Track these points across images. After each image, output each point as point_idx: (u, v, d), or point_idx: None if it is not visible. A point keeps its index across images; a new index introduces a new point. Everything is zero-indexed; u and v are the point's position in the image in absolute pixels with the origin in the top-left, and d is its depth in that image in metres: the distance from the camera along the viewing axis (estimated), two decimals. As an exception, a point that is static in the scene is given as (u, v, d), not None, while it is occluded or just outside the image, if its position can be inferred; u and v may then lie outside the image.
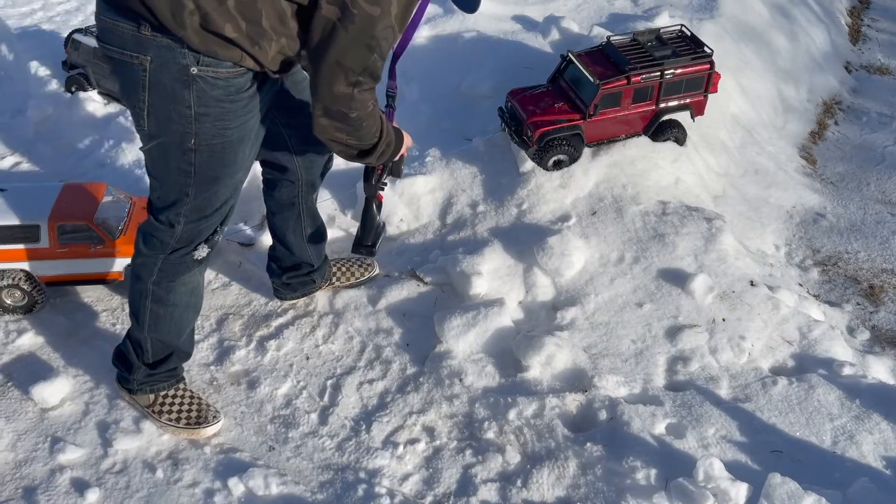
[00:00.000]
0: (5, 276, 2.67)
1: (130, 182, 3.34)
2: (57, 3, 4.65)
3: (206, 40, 1.82)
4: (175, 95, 1.89)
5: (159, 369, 2.38)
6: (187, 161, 1.99)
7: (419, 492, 2.28)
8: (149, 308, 2.26)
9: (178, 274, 2.22)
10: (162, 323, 2.29)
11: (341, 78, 1.84)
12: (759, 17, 4.44)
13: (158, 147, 2.00)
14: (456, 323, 2.63)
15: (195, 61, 1.85)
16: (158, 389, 2.41)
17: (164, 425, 2.40)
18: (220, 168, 2.04)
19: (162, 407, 2.41)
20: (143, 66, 1.86)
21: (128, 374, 2.40)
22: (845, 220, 3.55)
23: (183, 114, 1.91)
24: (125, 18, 1.82)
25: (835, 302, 3.11)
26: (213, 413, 2.44)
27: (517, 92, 3.16)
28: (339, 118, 1.93)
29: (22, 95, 3.98)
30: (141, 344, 2.32)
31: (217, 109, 1.93)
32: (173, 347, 2.36)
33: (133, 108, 1.97)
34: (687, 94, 3.14)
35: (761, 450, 2.31)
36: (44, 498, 2.23)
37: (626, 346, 2.63)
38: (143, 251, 2.20)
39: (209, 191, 2.07)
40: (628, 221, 2.96)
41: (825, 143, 4.17)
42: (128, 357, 2.37)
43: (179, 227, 2.12)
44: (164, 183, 2.07)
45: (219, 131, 1.97)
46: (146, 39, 1.83)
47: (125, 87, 1.95)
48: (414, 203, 3.15)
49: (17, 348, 2.67)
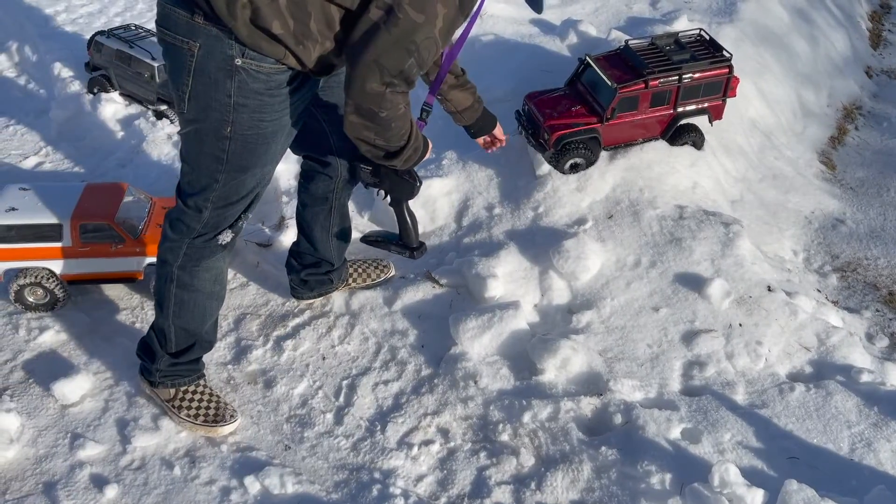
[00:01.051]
0: (28, 274, 2.71)
1: (151, 182, 3.38)
2: (80, 5, 4.71)
3: (253, 34, 1.88)
4: (217, 83, 1.95)
5: (182, 359, 2.40)
6: (221, 148, 2.05)
7: (433, 493, 2.29)
8: (173, 293, 2.29)
9: (202, 258, 2.26)
10: (186, 309, 2.32)
11: (376, 76, 1.87)
12: (780, 21, 4.41)
13: (195, 132, 2.05)
14: (471, 325, 2.64)
15: (240, 53, 1.91)
16: (180, 384, 2.44)
17: (182, 421, 2.43)
18: (251, 158, 2.10)
19: (181, 402, 2.44)
20: (192, 51, 1.93)
21: (151, 365, 2.42)
22: (865, 225, 3.52)
23: (222, 102, 1.98)
24: (181, 5, 1.90)
25: (854, 308, 3.08)
26: (231, 412, 2.46)
27: (534, 95, 3.16)
28: (368, 117, 1.96)
29: (45, 96, 4.05)
30: (165, 332, 2.35)
31: (255, 101, 1.99)
32: (196, 336, 2.39)
33: (176, 91, 2.03)
34: (705, 99, 3.13)
35: (777, 456, 2.29)
36: (63, 493, 2.26)
37: (642, 351, 2.63)
38: (170, 235, 2.25)
39: (238, 179, 2.12)
40: (645, 225, 2.96)
41: (845, 148, 4.14)
42: (151, 346, 2.39)
43: (206, 212, 2.17)
44: (195, 167, 2.13)
45: (255, 123, 2.03)
46: (198, 27, 1.90)
47: (172, 69, 2.02)
48: (430, 205, 3.17)
49: (38, 345, 2.71)
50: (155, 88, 3.70)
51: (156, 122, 3.72)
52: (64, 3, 4.70)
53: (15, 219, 2.69)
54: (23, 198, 2.76)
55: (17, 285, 2.72)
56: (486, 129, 2.69)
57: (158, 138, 3.61)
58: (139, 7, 4.73)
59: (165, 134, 3.64)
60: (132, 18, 4.52)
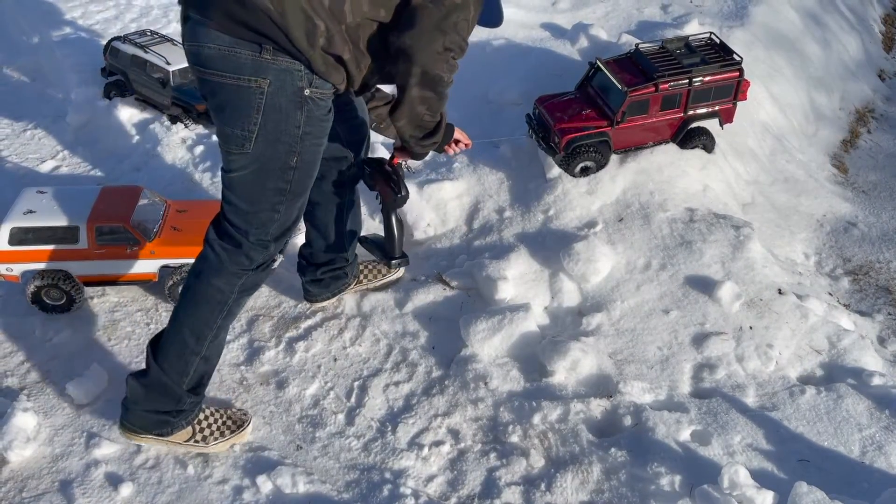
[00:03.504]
0: (45, 275, 2.75)
1: (165, 185, 3.42)
2: (96, 11, 4.77)
3: (326, 63, 1.95)
4: (288, 117, 1.99)
5: (200, 395, 2.33)
6: (286, 180, 2.07)
7: (443, 493, 2.31)
8: (219, 324, 2.22)
9: (256, 286, 2.26)
10: (219, 339, 2.27)
11: (440, 40, 1.96)
12: (791, 24, 4.41)
13: (258, 171, 2.05)
14: (482, 327, 2.66)
15: (309, 83, 1.97)
16: (192, 419, 2.35)
17: (214, 446, 2.37)
18: (308, 182, 2.16)
19: (202, 433, 2.37)
20: (262, 88, 1.94)
21: (172, 411, 2.28)
22: (877, 229, 3.51)
23: (292, 134, 2.01)
24: (245, 44, 1.90)
25: (865, 312, 3.07)
26: (241, 413, 2.49)
27: (545, 98, 3.18)
28: (432, 85, 2.03)
29: (62, 101, 4.10)
30: (185, 368, 2.23)
31: (318, 128, 2.06)
32: (213, 366, 2.33)
33: (239, 131, 1.99)
34: (716, 102, 3.13)
35: (788, 458, 2.29)
36: (79, 491, 2.29)
37: (652, 353, 2.63)
38: (230, 268, 2.16)
39: (296, 205, 2.16)
40: (655, 228, 2.96)
41: (857, 151, 4.13)
42: (169, 391, 2.25)
43: (272, 245, 2.17)
44: (255, 204, 2.10)
45: (315, 149, 2.10)
46: (266, 63, 1.92)
47: (233, 110, 1.99)
48: (441, 208, 3.19)
49: (55, 346, 2.75)
50: (170, 93, 3.75)
51: (170, 126, 3.76)
52: (80, 10, 4.76)
53: (32, 221, 2.73)
54: (40, 201, 2.81)
55: (34, 286, 2.77)
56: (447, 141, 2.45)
57: (173, 142, 3.66)
58: (154, 13, 4.79)
59: (180, 138, 3.69)
60: (147, 24, 4.58)
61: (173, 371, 2.23)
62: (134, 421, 2.31)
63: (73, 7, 4.78)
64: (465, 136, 2.56)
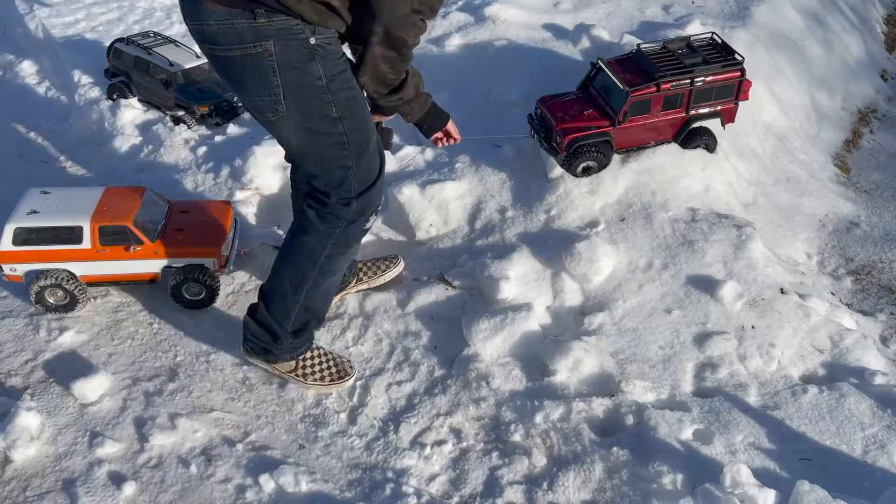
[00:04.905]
0: (49, 275, 2.76)
1: (169, 186, 3.43)
2: (99, 13, 4.79)
3: (318, 11, 1.97)
4: (304, 70, 2.03)
5: (302, 337, 2.50)
6: (338, 132, 2.13)
7: (446, 492, 2.31)
8: (313, 278, 2.37)
9: (349, 245, 2.37)
10: (318, 292, 2.42)
11: (407, 2, 1.96)
12: (793, 24, 4.41)
13: (306, 132, 2.12)
14: (484, 327, 2.66)
15: (311, 32, 2.00)
16: (299, 354, 2.54)
17: (310, 385, 2.56)
18: (364, 130, 2.19)
19: (304, 370, 2.55)
20: (269, 51, 1.99)
21: (272, 345, 2.49)
22: (880, 228, 3.50)
23: (316, 86, 2.06)
24: (238, 13, 1.96)
25: (868, 311, 3.07)
26: (350, 364, 2.61)
27: (547, 99, 3.18)
28: (396, 46, 2.04)
29: (66, 102, 4.12)
30: (287, 313, 2.42)
31: (340, 73, 2.09)
32: (318, 314, 2.50)
33: (266, 97, 2.07)
34: (717, 102, 3.13)
35: (790, 457, 2.29)
36: (83, 490, 2.30)
37: (654, 352, 2.63)
38: (318, 227, 2.30)
39: (364, 157, 2.20)
40: (657, 228, 2.97)
41: (860, 151, 4.13)
42: (271, 329, 2.45)
43: (354, 202, 2.25)
44: (323, 164, 2.19)
45: (348, 93, 2.12)
46: (263, 27, 1.96)
47: (252, 80, 2.06)
48: (443, 208, 3.19)
49: (58, 346, 2.76)
50: (173, 94, 3.76)
51: (173, 127, 3.78)
52: (84, 11, 4.79)
53: (36, 221, 2.74)
54: (44, 201, 2.82)
55: (37, 286, 2.78)
56: (437, 126, 2.55)
57: (176, 143, 3.67)
58: (157, 15, 4.81)
59: (182, 139, 3.70)
60: (150, 26, 4.60)
61: (277, 314, 2.43)
62: (248, 346, 2.54)
63: (76, 9, 4.80)
64: (455, 130, 2.58)
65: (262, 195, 3.41)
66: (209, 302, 2.88)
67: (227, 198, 3.34)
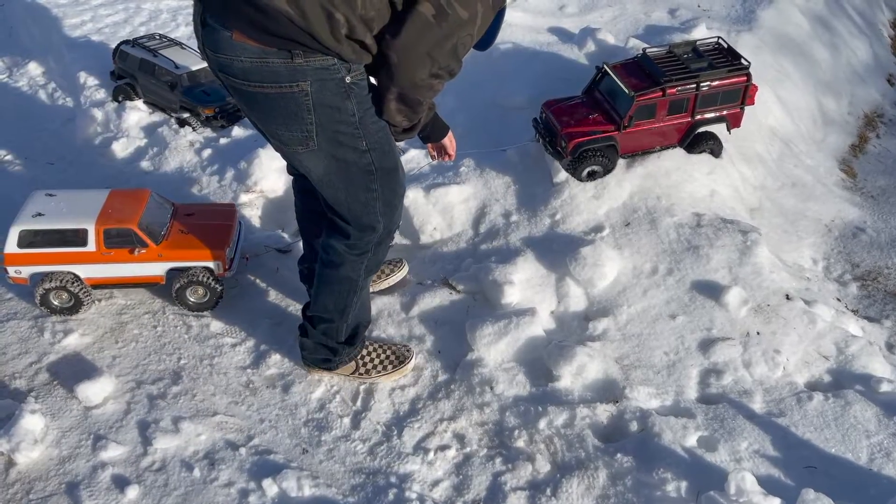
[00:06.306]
0: (53, 278, 2.77)
1: (174, 188, 3.44)
2: (105, 15, 4.80)
3: (354, 49, 1.96)
4: (339, 109, 2.04)
5: (355, 342, 2.58)
6: (366, 162, 2.15)
7: (449, 497, 2.30)
8: (354, 302, 2.45)
9: (380, 262, 2.42)
10: (361, 308, 2.52)
11: (426, 68, 1.94)
12: (800, 29, 4.40)
13: (336, 163, 2.13)
14: (488, 331, 2.66)
15: (347, 71, 2.00)
16: (355, 355, 2.61)
17: (376, 379, 2.61)
18: (390, 156, 2.20)
19: (365, 367, 2.61)
20: (305, 90, 1.98)
21: (331, 356, 2.57)
22: (886, 234, 3.49)
23: (349, 122, 2.06)
24: (274, 52, 1.92)
25: (874, 318, 3.06)
26: (405, 348, 2.67)
27: (552, 103, 3.18)
28: (411, 105, 2.06)
29: (71, 104, 4.13)
30: (338, 331, 2.51)
31: (370, 108, 2.09)
32: (364, 320, 2.60)
33: (297, 133, 2.06)
34: (723, 107, 3.12)
35: (795, 465, 2.28)
36: (86, 493, 2.30)
37: (659, 358, 2.63)
38: (349, 259, 2.35)
39: (392, 181, 2.23)
40: (662, 233, 2.96)
41: (866, 156, 4.11)
42: (327, 345, 2.54)
43: (380, 226, 2.28)
44: (350, 192, 2.20)
45: (376, 125, 2.13)
46: (301, 67, 1.94)
47: (286, 117, 2.03)
48: (448, 212, 3.19)
49: (62, 348, 2.76)
50: (178, 97, 3.77)
51: (178, 129, 3.78)
52: (90, 13, 4.80)
53: (41, 224, 2.74)
54: (49, 203, 2.82)
55: (42, 289, 2.78)
56: (436, 137, 2.52)
57: (181, 145, 3.68)
58: (163, 17, 4.81)
59: (188, 141, 3.70)
60: (156, 28, 4.61)
61: (328, 333, 2.51)
62: (306, 358, 2.62)
63: (82, 10, 4.81)
64: (453, 146, 2.58)
65: (267, 198, 3.41)
66: (213, 305, 2.88)
67: (232, 200, 3.34)
